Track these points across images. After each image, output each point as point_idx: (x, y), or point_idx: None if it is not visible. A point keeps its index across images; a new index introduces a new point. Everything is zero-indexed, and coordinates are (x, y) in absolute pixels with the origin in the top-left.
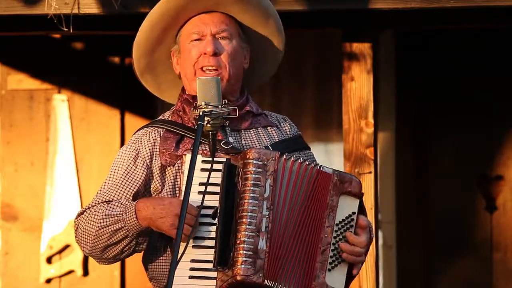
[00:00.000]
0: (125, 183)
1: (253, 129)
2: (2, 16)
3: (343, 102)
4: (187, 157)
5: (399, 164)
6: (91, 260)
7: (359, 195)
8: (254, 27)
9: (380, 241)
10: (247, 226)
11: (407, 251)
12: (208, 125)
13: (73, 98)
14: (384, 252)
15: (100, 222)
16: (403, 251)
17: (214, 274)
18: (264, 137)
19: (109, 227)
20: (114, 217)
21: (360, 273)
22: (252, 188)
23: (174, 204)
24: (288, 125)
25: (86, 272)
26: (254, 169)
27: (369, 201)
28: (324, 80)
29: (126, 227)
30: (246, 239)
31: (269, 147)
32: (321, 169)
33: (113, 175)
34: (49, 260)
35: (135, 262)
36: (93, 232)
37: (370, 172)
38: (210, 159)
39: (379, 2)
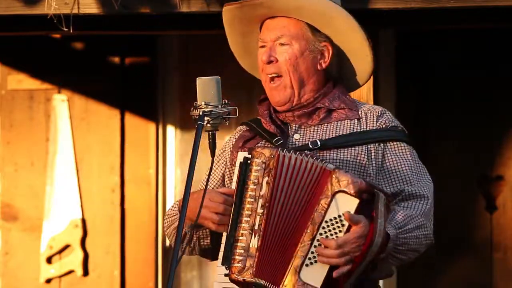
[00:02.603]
0: (207, 180)
1: (325, 124)
2: (2, 16)
3: None
4: (239, 155)
5: None
6: (91, 260)
7: (358, 195)
8: (321, 27)
9: None
10: (243, 225)
11: None
12: (208, 125)
13: (73, 98)
14: None
15: (167, 223)
16: None
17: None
18: (332, 132)
19: (172, 226)
20: (174, 216)
21: None
22: (251, 186)
23: (196, 196)
24: (375, 118)
25: (86, 272)
26: (254, 167)
27: None
28: None
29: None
30: (240, 238)
31: (317, 141)
32: (324, 165)
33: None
34: (49, 260)
35: (135, 262)
36: (167, 233)
37: None
38: (250, 156)
39: (379, 2)
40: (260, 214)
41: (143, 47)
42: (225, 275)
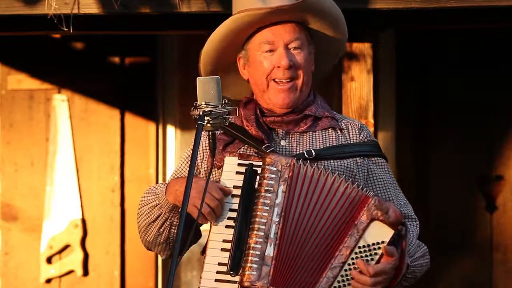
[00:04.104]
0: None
1: (311, 132)
2: (2, 16)
3: (343, 102)
4: (226, 159)
5: (399, 164)
6: (91, 260)
7: (395, 227)
8: (323, 30)
9: None
10: (256, 232)
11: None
12: (208, 125)
13: (73, 98)
14: None
15: (143, 201)
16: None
17: (236, 278)
18: (319, 141)
19: (148, 204)
20: (153, 195)
21: None
22: (264, 194)
23: (198, 183)
24: (357, 131)
25: (86, 272)
26: (268, 174)
27: None
28: (324, 80)
29: (160, 204)
30: (254, 245)
31: (311, 151)
32: (360, 188)
33: (172, 173)
34: (49, 260)
35: (135, 262)
36: (138, 212)
37: None
38: (246, 162)
39: (379, 2)
40: (276, 223)
41: (143, 47)
42: (230, 282)
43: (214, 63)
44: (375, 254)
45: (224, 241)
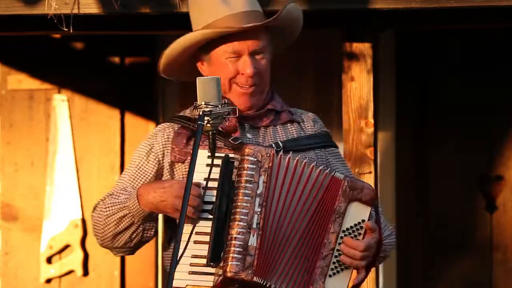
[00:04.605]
0: (136, 177)
1: (272, 126)
2: (2, 16)
3: (343, 102)
4: (198, 152)
5: (399, 164)
6: (91, 260)
7: (371, 203)
8: (282, 30)
9: None
10: (238, 223)
11: (407, 251)
12: (208, 124)
13: (73, 98)
14: None
15: (107, 211)
16: (403, 251)
17: (213, 270)
18: (281, 134)
19: (115, 215)
20: (119, 204)
21: None
22: (245, 184)
23: (174, 187)
24: (312, 122)
25: (86, 272)
26: (248, 165)
27: None
28: (324, 80)
29: (131, 214)
30: (236, 236)
31: (279, 143)
32: (332, 174)
33: (128, 169)
34: (49, 260)
35: (135, 262)
36: (101, 222)
37: (370, 172)
38: (218, 154)
39: (379, 2)
40: (258, 213)
41: (143, 47)
42: (218, 271)
43: (173, 63)
44: (359, 234)
45: (197, 233)
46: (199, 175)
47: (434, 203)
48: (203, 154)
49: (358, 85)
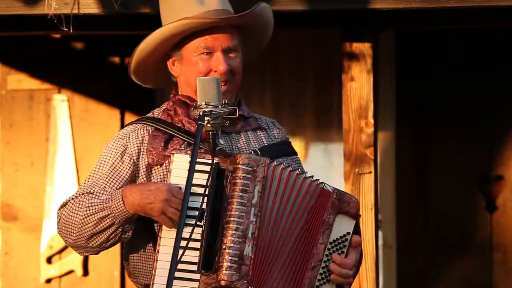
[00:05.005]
0: (111, 178)
1: (243, 132)
2: (2, 16)
3: (343, 102)
4: (175, 157)
5: (399, 164)
6: (91, 260)
7: (356, 216)
8: (253, 31)
9: (380, 241)
10: (234, 232)
11: (407, 251)
12: (208, 125)
13: (73, 98)
14: (384, 252)
15: (86, 210)
16: (403, 251)
17: (197, 276)
18: (253, 141)
19: (95, 214)
20: (100, 204)
21: (360, 273)
22: (240, 193)
23: (161, 190)
24: (277, 130)
25: (86, 272)
26: (243, 174)
27: (369, 201)
28: (324, 80)
29: (113, 214)
30: (231, 245)
31: (257, 151)
32: (322, 185)
33: (99, 169)
34: (49, 260)
35: None
36: (78, 221)
37: (370, 172)
38: (199, 160)
39: (379, 2)
40: (254, 223)
41: None
42: (209, 279)
43: (143, 61)
44: (344, 246)
45: (184, 239)
46: (179, 180)
47: (434, 203)
48: (184, 159)
49: (358, 85)
